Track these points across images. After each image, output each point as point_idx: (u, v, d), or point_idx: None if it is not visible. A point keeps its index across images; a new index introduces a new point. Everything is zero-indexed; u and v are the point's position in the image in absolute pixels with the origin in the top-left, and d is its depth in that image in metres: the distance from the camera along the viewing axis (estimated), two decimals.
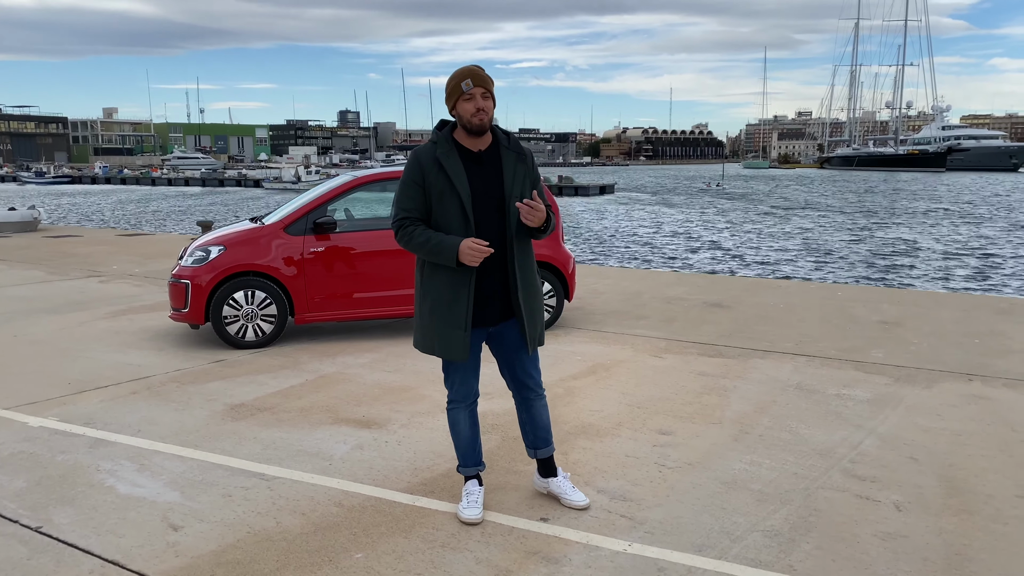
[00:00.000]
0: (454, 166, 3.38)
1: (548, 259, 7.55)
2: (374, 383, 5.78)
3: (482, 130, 3.39)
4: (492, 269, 3.44)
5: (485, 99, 3.36)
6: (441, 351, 3.44)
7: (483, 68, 3.42)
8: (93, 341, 7.14)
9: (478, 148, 3.45)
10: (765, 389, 5.66)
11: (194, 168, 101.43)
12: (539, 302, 3.57)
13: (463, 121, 3.39)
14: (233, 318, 6.82)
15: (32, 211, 18.46)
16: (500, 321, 3.52)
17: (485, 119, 3.37)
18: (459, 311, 3.39)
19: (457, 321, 3.40)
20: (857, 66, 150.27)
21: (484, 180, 3.42)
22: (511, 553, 3.28)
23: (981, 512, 3.69)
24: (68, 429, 4.78)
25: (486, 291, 3.45)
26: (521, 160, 3.49)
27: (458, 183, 3.36)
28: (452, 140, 3.45)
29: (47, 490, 3.90)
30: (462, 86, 3.34)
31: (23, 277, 11.09)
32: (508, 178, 3.43)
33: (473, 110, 3.34)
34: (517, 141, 3.53)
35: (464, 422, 3.67)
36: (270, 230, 7.01)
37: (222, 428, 4.81)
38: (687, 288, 10.13)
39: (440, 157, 3.39)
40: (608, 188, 64.56)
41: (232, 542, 3.37)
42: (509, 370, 3.67)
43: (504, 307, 3.50)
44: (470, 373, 3.60)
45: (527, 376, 3.67)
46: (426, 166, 3.40)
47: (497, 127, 3.53)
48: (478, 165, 3.43)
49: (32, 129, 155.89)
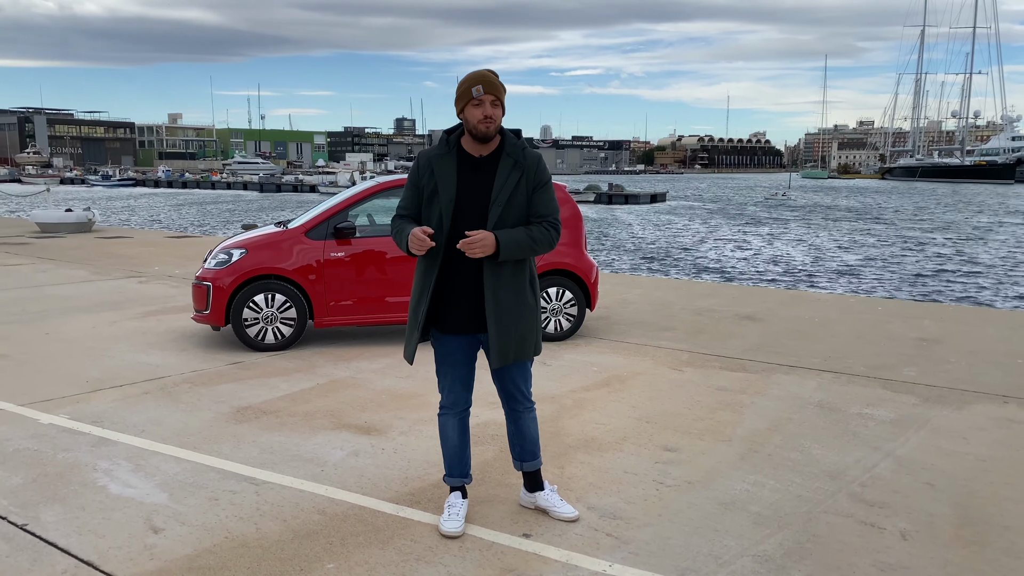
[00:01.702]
0: (445, 170, 3.35)
1: (570, 267, 7.44)
2: (383, 389, 5.74)
3: (487, 137, 3.33)
4: (459, 272, 3.37)
5: (495, 107, 3.30)
6: (405, 351, 3.51)
7: (497, 74, 3.35)
8: (119, 341, 7.27)
9: (480, 153, 3.39)
10: (783, 406, 5.45)
11: (253, 173, 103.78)
12: (515, 315, 3.37)
13: (469, 126, 3.33)
14: (253, 321, 6.87)
15: (87, 213, 19.04)
16: (474, 331, 3.45)
17: (491, 127, 3.31)
18: (419, 311, 3.41)
19: (416, 323, 3.44)
20: (922, 74, 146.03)
21: (475, 186, 3.36)
22: (485, 570, 3.19)
23: (994, 544, 3.46)
24: (75, 427, 4.85)
25: (454, 295, 3.40)
26: (517, 167, 3.39)
27: (442, 187, 3.33)
28: (456, 144, 3.40)
29: (41, 488, 3.95)
30: (472, 91, 3.27)
31: (68, 276, 11.41)
32: (498, 183, 3.35)
33: (480, 116, 3.28)
34: (521, 147, 3.42)
35: (452, 430, 3.60)
36: (292, 234, 7.05)
37: (224, 431, 4.83)
38: (720, 299, 9.89)
39: (434, 160, 3.37)
40: (660, 196, 63.84)
41: (208, 547, 3.35)
42: (499, 380, 3.59)
43: (476, 315, 3.42)
44: (459, 381, 3.54)
45: (515, 388, 3.59)
46: (422, 168, 3.41)
47: (508, 132, 3.44)
48: (474, 170, 3.37)
49: (101, 134, 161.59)
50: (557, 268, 7.40)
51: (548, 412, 5.22)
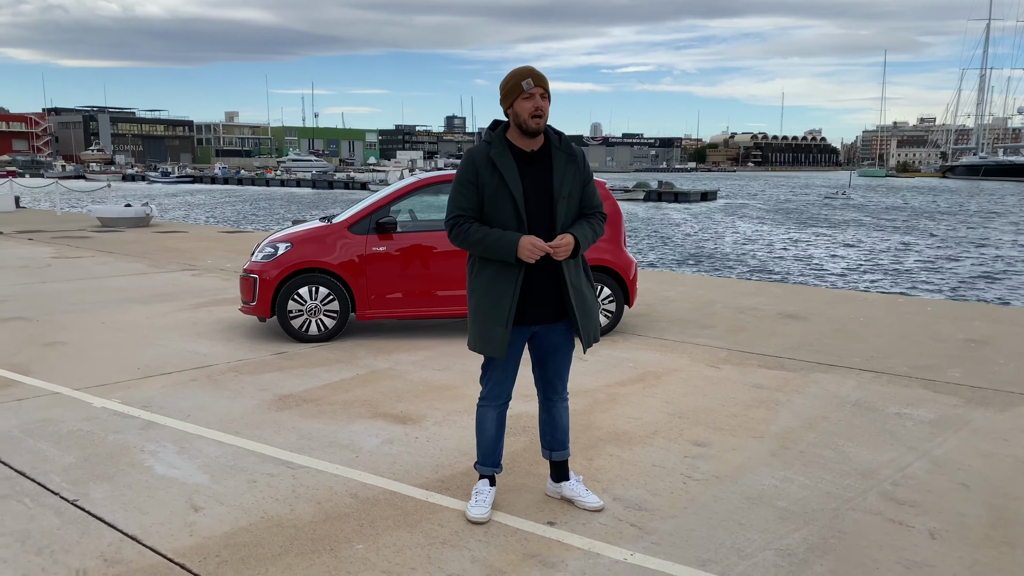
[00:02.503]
0: (508, 166, 3.40)
1: (609, 264, 7.46)
2: (420, 380, 5.86)
3: (538, 131, 3.41)
4: (541, 269, 3.45)
5: (544, 99, 3.38)
6: (481, 347, 3.48)
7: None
8: (170, 330, 7.54)
9: (530, 148, 3.47)
10: (819, 404, 5.41)
11: (306, 170, 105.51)
12: (590, 302, 3.56)
13: (519, 120, 3.40)
14: (297, 312, 7.06)
15: (145, 208, 19.67)
16: (547, 322, 3.53)
17: (541, 122, 3.39)
18: (503, 308, 3.41)
19: (499, 318, 3.42)
20: (987, 69, 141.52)
21: (535, 180, 3.44)
22: (508, 554, 3.27)
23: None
24: (126, 411, 5.07)
25: (536, 291, 3.46)
26: (572, 160, 3.50)
27: (511, 183, 3.38)
28: (505, 140, 3.47)
29: (92, 466, 4.15)
30: (523, 84, 3.35)
31: (125, 269, 11.83)
32: (558, 178, 3.44)
33: (532, 109, 3.35)
34: (568, 142, 3.54)
35: (491, 422, 3.67)
36: (336, 229, 7.22)
37: (265, 417, 5.00)
38: (764, 298, 9.80)
39: (494, 157, 3.42)
40: (710, 195, 63.03)
41: (244, 526, 3.49)
42: (541, 370, 3.68)
43: (553, 308, 3.51)
44: (507, 374, 3.60)
45: (556, 378, 3.69)
46: (480, 166, 3.43)
47: (550, 127, 3.53)
48: (530, 165, 3.45)
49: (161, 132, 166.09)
50: (596, 264, 7.43)
51: (581, 406, 5.27)
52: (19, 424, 4.80)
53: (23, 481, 3.95)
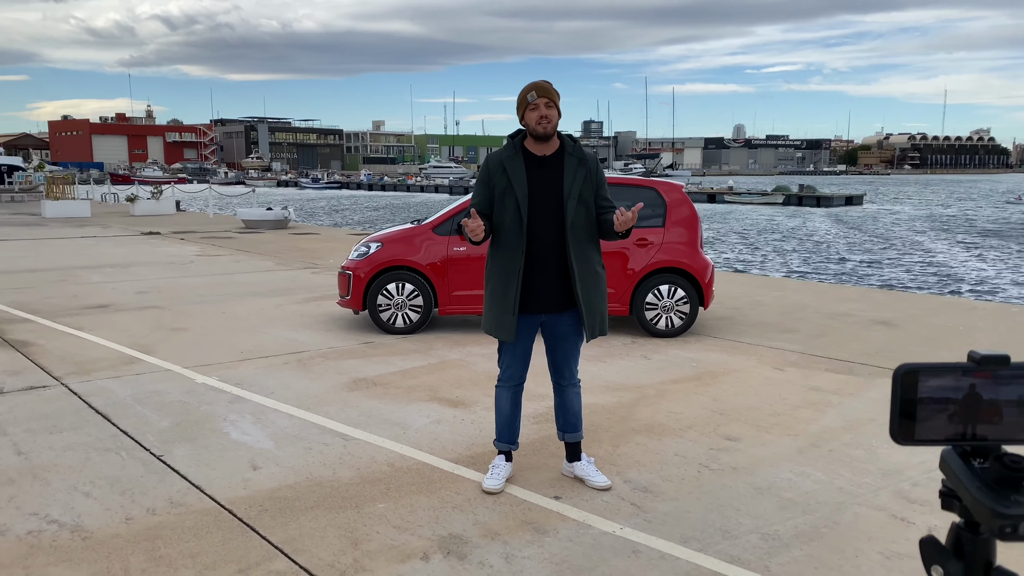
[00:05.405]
0: (516, 168, 3.81)
1: (684, 266, 7.60)
2: (483, 371, 6.28)
3: (546, 136, 3.79)
4: (549, 263, 3.80)
5: (548, 108, 3.77)
6: (494, 331, 3.89)
7: (551, 83, 3.83)
8: (278, 321, 8.36)
9: (543, 153, 3.85)
10: (871, 408, 5.40)
11: (444, 176, 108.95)
12: (598, 294, 3.86)
13: (529, 128, 3.81)
14: (385, 306, 7.67)
15: (284, 211, 21.25)
16: (556, 311, 3.87)
17: (548, 127, 3.77)
18: (510, 297, 3.80)
19: (507, 306, 3.82)
20: None
21: (545, 182, 3.82)
22: (507, 520, 3.62)
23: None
24: (221, 387, 5.79)
25: (543, 282, 3.82)
26: (582, 164, 3.85)
27: (516, 184, 3.78)
28: (521, 146, 3.87)
29: (181, 430, 4.84)
30: (527, 97, 3.78)
31: (255, 266, 13.00)
32: (567, 180, 3.81)
33: (537, 118, 3.76)
34: (581, 148, 3.90)
35: (506, 401, 4.04)
36: (422, 230, 7.79)
37: (337, 396, 5.57)
38: (861, 304, 9.56)
39: (505, 161, 3.85)
40: (856, 199, 59.85)
41: (291, 483, 4.03)
42: (552, 356, 4.02)
43: (562, 298, 3.85)
44: (518, 358, 3.98)
45: (565, 365, 4.01)
46: (492, 168, 3.88)
47: (567, 136, 3.91)
48: (541, 168, 3.84)
49: (313, 140, 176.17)
50: (671, 266, 7.60)
51: (627, 399, 5.52)
52: (132, 394, 5.60)
53: (124, 438, 4.68)
